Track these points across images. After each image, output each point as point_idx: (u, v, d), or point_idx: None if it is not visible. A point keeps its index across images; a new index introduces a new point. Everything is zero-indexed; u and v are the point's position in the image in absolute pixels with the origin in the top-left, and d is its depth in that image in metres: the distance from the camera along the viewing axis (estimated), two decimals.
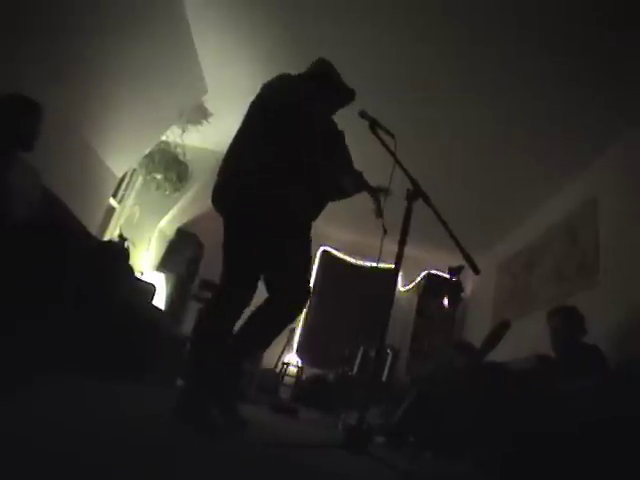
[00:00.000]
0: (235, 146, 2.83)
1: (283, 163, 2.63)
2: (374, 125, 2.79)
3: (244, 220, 2.66)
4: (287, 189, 2.63)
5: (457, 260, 5.68)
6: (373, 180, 2.95)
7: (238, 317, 2.72)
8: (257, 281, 2.76)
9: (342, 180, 2.85)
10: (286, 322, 2.72)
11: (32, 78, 3.93)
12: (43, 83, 3.99)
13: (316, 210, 2.89)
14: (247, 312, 2.71)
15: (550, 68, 4.57)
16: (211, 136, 7.07)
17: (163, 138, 6.65)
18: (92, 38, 4.44)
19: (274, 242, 2.65)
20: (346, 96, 3.05)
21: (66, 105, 4.46)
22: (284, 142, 2.65)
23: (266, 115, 2.75)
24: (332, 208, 3.01)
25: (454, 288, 9.05)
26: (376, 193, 2.89)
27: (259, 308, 2.65)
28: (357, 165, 2.93)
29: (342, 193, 2.92)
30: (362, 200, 3.09)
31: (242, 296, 2.72)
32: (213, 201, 2.78)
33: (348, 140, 2.99)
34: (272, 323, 2.71)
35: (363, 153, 3.03)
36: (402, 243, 2.65)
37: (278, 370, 8.30)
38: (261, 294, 2.73)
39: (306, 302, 2.74)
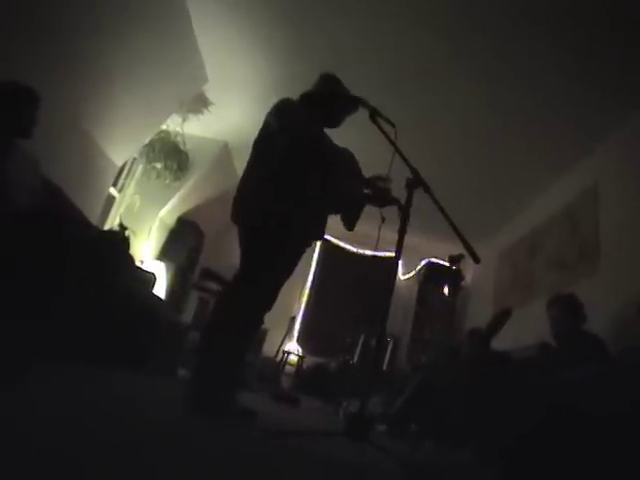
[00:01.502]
0: (248, 168, 2.92)
1: (290, 184, 2.73)
2: (374, 114, 2.79)
3: (254, 235, 2.78)
4: (294, 209, 2.74)
5: (457, 248, 5.66)
6: (374, 169, 2.95)
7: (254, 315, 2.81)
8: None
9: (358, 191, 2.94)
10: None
11: (32, 69, 3.92)
12: (43, 74, 3.98)
13: (320, 228, 3.03)
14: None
15: (552, 55, 4.55)
16: (211, 125, 7.06)
17: (163, 127, 6.64)
18: (93, 29, 4.42)
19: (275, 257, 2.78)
20: (352, 107, 3.05)
21: (66, 95, 4.44)
22: (293, 168, 2.74)
23: (262, 138, 2.88)
24: None
25: (455, 276, 9.06)
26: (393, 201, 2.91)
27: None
28: (358, 153, 2.94)
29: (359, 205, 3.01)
30: None
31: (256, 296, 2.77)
32: (231, 217, 2.88)
33: (348, 130, 3.01)
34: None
35: (363, 142, 3.02)
36: (402, 231, 2.65)
37: (279, 359, 8.32)
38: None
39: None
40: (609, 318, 4.33)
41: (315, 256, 10.18)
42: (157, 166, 6.69)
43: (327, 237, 10.12)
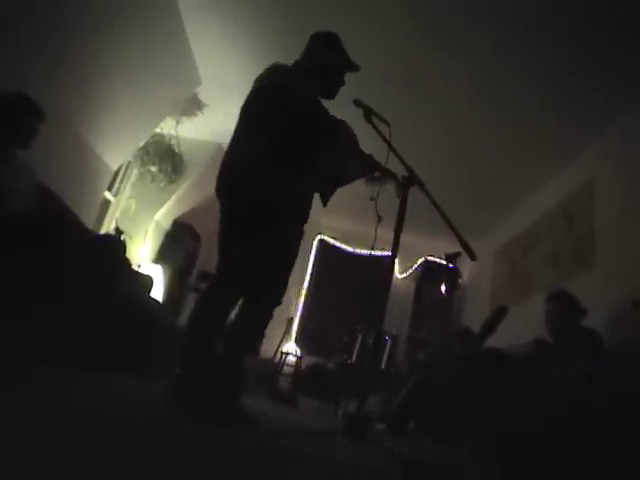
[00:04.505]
0: (233, 139, 2.81)
1: (276, 155, 2.61)
2: (369, 113, 2.78)
3: (237, 214, 2.67)
4: (280, 182, 2.63)
5: (454, 246, 5.67)
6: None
7: (232, 308, 2.72)
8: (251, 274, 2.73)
9: (344, 165, 2.85)
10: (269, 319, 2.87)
11: (26, 75, 3.92)
12: (38, 79, 3.98)
13: (308, 201, 2.90)
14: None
15: (547, 50, 4.55)
16: (205, 127, 7.06)
17: (157, 130, 6.64)
18: (86, 34, 4.43)
19: (265, 238, 2.65)
20: (344, 65, 3.00)
21: (60, 100, 4.44)
22: (277, 134, 2.62)
23: (258, 108, 2.73)
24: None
25: (451, 274, 9.06)
26: (388, 174, 2.84)
27: (246, 306, 2.73)
28: None
29: (343, 179, 2.92)
30: (358, 188, 3.07)
31: (237, 289, 2.70)
32: (216, 190, 2.78)
33: None
34: (261, 320, 2.85)
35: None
36: (398, 230, 2.65)
37: (277, 360, 8.31)
38: None
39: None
40: (605, 314, 4.34)
41: (312, 256, 10.17)
42: (152, 169, 6.69)
43: (323, 237, 10.13)
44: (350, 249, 10.23)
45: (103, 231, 6.41)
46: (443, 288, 8.96)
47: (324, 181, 2.89)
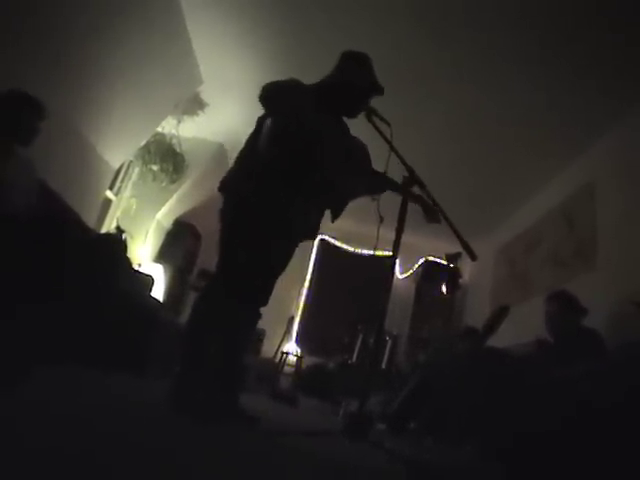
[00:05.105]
0: (246, 147, 2.81)
1: (287, 173, 2.62)
2: (370, 113, 2.78)
3: (241, 220, 2.67)
4: (284, 198, 2.64)
5: (455, 246, 5.65)
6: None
7: (230, 306, 2.73)
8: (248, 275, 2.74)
9: (355, 183, 2.87)
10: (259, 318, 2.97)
11: (27, 72, 3.92)
12: (39, 77, 3.98)
13: (313, 220, 2.93)
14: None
15: (550, 50, 4.55)
16: (207, 126, 7.05)
17: (159, 129, 6.63)
18: (86, 34, 4.43)
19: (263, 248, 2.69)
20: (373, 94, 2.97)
21: (62, 98, 4.43)
22: (289, 153, 2.62)
23: (269, 123, 2.72)
24: None
25: (452, 275, 9.05)
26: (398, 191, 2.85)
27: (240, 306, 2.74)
28: None
29: (353, 196, 2.94)
30: None
31: (234, 288, 2.70)
32: (220, 190, 2.77)
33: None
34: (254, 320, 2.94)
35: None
36: (399, 230, 2.65)
37: (277, 360, 8.31)
38: None
39: None
40: (605, 315, 4.34)
41: (313, 256, 10.16)
42: (153, 168, 6.68)
43: (324, 237, 10.12)
44: (351, 249, 10.22)
45: (104, 230, 6.41)
46: (444, 288, 8.96)
47: (335, 198, 2.92)
